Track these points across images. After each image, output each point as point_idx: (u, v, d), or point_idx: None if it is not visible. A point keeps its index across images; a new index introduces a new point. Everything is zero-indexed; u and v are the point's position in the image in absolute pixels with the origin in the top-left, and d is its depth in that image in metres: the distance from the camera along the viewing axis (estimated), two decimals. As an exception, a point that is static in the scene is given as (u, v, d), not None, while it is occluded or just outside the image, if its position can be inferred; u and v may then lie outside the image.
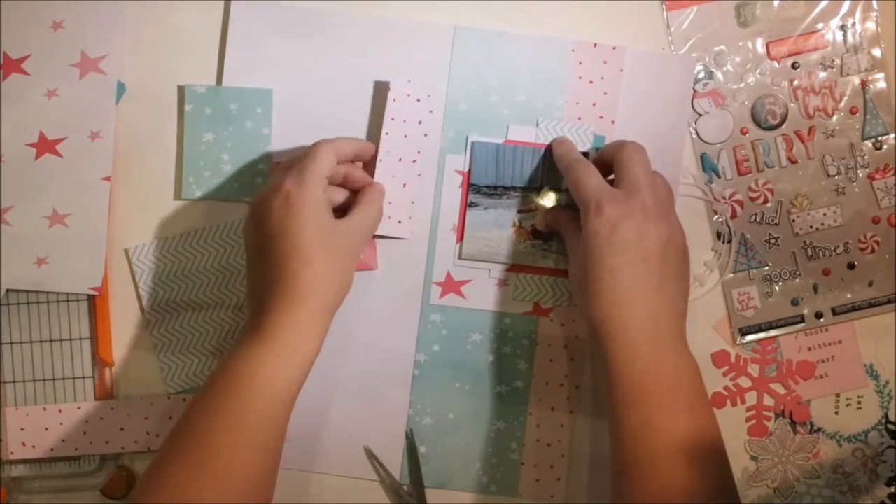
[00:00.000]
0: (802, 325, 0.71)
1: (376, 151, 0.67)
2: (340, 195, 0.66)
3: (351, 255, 0.62)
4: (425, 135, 0.68)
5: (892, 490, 0.72)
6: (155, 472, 0.56)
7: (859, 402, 0.72)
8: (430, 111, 0.68)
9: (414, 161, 0.68)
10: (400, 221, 0.68)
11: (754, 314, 0.71)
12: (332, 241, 0.60)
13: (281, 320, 0.58)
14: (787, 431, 0.72)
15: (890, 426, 0.72)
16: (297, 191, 0.60)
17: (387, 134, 0.67)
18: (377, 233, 0.67)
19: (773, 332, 0.71)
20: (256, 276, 0.62)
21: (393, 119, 0.67)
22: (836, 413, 0.72)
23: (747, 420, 0.72)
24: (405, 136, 0.68)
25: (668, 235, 0.60)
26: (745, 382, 0.72)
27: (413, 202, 0.69)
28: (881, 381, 0.72)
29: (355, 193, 0.66)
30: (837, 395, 0.72)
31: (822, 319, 0.71)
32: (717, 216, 0.71)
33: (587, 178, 0.62)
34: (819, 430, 0.72)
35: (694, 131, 0.70)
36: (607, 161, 0.64)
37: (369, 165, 0.68)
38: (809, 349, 0.72)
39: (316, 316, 0.59)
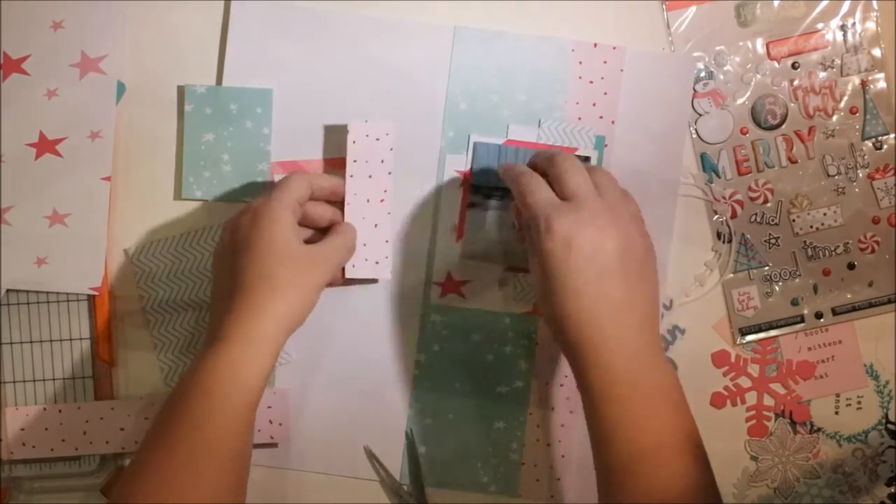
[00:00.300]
0: (802, 325, 0.71)
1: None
2: (306, 233, 0.66)
3: (313, 278, 0.61)
4: (389, 173, 0.67)
5: (892, 490, 0.71)
6: (130, 478, 0.56)
7: (859, 403, 0.72)
8: (391, 149, 0.67)
9: (382, 200, 0.67)
10: (377, 262, 0.68)
11: (754, 314, 0.71)
12: (294, 261, 0.60)
13: (235, 330, 0.58)
14: (788, 431, 0.71)
15: (890, 426, 0.71)
16: (263, 209, 0.60)
17: (351, 177, 0.66)
18: (358, 276, 0.67)
19: (773, 332, 0.71)
20: (217, 289, 0.62)
21: (355, 161, 0.66)
22: (836, 413, 0.72)
23: (747, 420, 0.72)
24: (370, 177, 0.67)
25: (624, 242, 0.57)
26: (745, 382, 0.72)
27: (387, 241, 0.68)
28: (881, 381, 0.71)
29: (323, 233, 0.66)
30: (837, 395, 0.72)
31: (822, 319, 0.71)
32: (717, 216, 0.70)
33: (535, 193, 0.59)
34: (819, 430, 0.72)
35: (694, 131, 0.70)
36: (541, 174, 0.62)
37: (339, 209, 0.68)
38: (809, 349, 0.71)
39: (270, 328, 0.58)
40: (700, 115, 0.70)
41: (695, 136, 0.70)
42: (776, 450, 0.72)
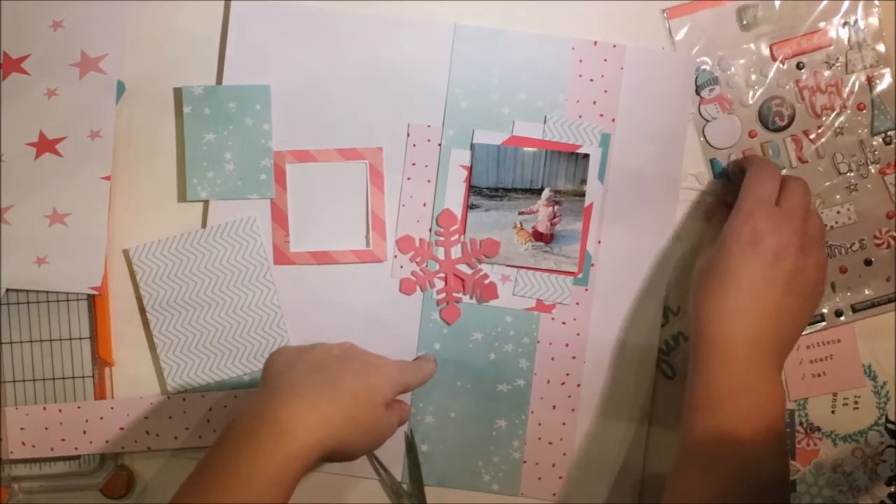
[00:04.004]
0: (823, 324, 0.67)
1: None
2: None
3: (376, 434, 0.58)
4: (428, 180, 0.65)
5: (892, 490, 0.67)
6: None
7: (856, 403, 0.67)
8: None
9: (424, 204, 0.65)
10: None
11: None
12: (379, 413, 0.57)
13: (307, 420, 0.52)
14: None
15: (890, 425, 0.67)
16: (394, 370, 0.59)
17: (409, 179, 0.64)
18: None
19: None
20: (303, 374, 0.56)
21: (414, 164, 0.64)
22: (833, 412, 0.67)
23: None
24: (428, 181, 0.64)
25: (802, 268, 0.57)
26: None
27: None
28: (879, 382, 0.67)
29: None
30: (834, 395, 0.67)
31: (842, 317, 0.67)
32: None
33: (760, 183, 0.59)
34: (817, 429, 0.67)
35: (703, 137, 0.66)
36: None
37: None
38: (808, 347, 0.67)
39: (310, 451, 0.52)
40: (707, 120, 0.66)
41: (703, 141, 0.66)
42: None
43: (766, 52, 0.65)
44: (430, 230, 0.65)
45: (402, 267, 0.65)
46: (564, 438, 0.65)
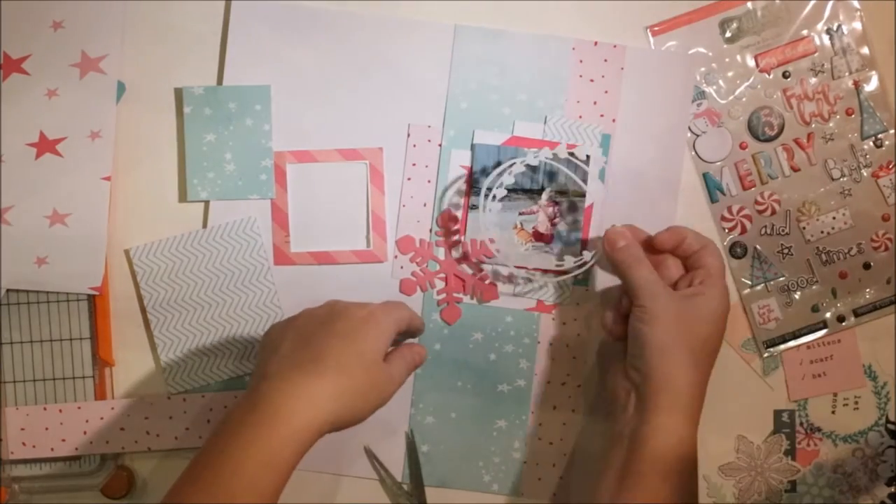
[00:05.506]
0: (826, 330, 0.66)
1: None
2: None
3: (380, 399, 0.57)
4: (429, 180, 0.64)
5: (893, 490, 0.67)
6: None
7: (856, 403, 0.67)
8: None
9: (425, 204, 0.64)
10: None
11: (777, 325, 0.66)
12: (375, 376, 0.56)
13: (286, 404, 0.52)
14: (750, 443, 0.66)
15: (890, 426, 0.67)
16: (381, 315, 0.57)
17: (409, 179, 0.63)
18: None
19: (802, 340, 0.66)
20: (285, 347, 0.55)
21: (415, 164, 0.63)
22: (833, 413, 0.67)
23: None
24: (428, 182, 0.64)
25: (720, 334, 0.59)
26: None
27: None
28: (879, 382, 0.66)
29: None
30: (835, 395, 0.66)
31: (844, 322, 0.66)
32: (728, 234, 0.65)
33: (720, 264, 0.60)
34: (817, 429, 0.66)
35: (694, 152, 0.65)
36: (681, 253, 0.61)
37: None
38: (809, 348, 0.66)
39: (324, 425, 0.53)
40: (697, 135, 0.65)
41: (695, 155, 0.65)
42: (747, 465, 0.66)
43: (751, 63, 0.65)
44: (431, 230, 0.64)
45: (402, 267, 0.64)
46: (565, 439, 0.65)
